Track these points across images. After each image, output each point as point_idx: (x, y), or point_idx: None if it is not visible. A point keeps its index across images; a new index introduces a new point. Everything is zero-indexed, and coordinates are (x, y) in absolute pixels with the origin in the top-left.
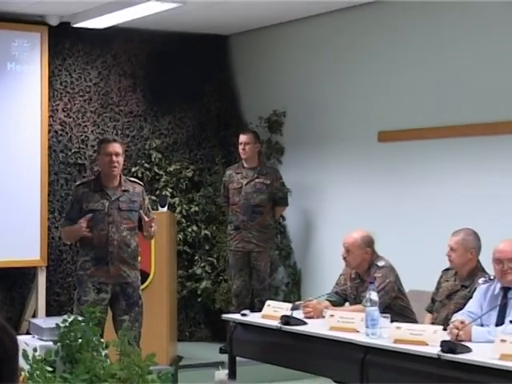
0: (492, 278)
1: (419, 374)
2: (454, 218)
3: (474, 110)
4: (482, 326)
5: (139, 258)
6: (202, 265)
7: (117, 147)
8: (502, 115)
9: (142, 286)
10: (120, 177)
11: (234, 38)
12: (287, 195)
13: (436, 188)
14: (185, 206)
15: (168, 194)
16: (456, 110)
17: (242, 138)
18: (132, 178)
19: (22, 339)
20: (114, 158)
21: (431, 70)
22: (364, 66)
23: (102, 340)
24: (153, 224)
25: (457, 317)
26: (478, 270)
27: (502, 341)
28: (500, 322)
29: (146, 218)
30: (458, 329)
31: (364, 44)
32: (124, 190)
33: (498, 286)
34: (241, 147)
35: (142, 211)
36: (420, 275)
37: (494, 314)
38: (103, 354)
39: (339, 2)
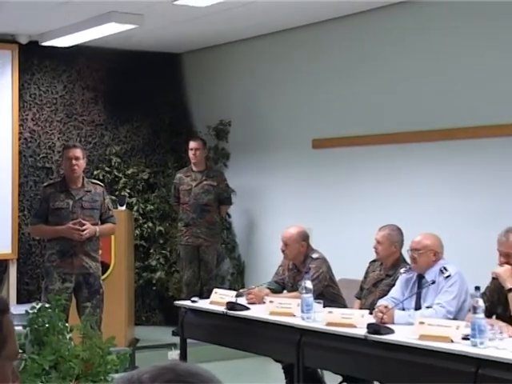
0: (411, 267)
1: (348, 353)
2: (380, 215)
3: (398, 120)
4: (403, 310)
5: (100, 251)
6: (157, 257)
7: (77, 152)
8: (423, 124)
9: (103, 276)
10: (83, 179)
11: (185, 55)
12: (231, 195)
13: (364, 189)
14: (141, 204)
15: (126, 194)
16: (381, 120)
17: (192, 144)
18: (94, 180)
19: None
20: (74, 161)
21: (359, 84)
22: (300, 81)
23: (66, 324)
24: (85, 229)
25: (381, 302)
26: (400, 261)
27: (421, 323)
28: (418, 306)
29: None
30: (382, 313)
31: (299, 62)
32: (87, 191)
33: (415, 274)
34: (191, 153)
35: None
36: (350, 266)
37: (413, 300)
38: (68, 337)
39: (276, 25)
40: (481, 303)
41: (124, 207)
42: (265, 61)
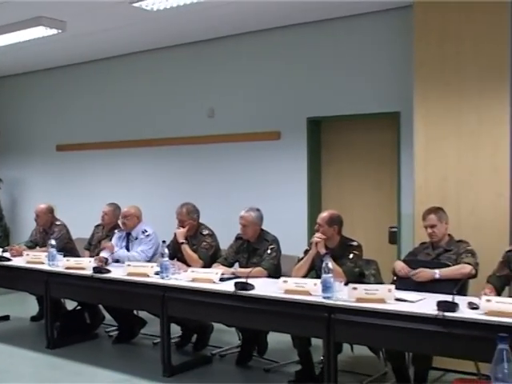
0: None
1: (80, 287)
2: (102, 198)
3: (117, 131)
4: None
5: None
6: None
7: None
8: (135, 135)
9: None
10: None
11: None
12: None
13: (91, 178)
14: None
15: None
16: (105, 132)
17: None
18: None
19: None
20: None
21: (90, 106)
22: (50, 104)
23: None
24: None
25: (103, 254)
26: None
27: (128, 265)
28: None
29: None
30: (101, 261)
31: (54, 91)
32: None
33: (125, 232)
34: None
35: None
36: (81, 229)
37: (124, 249)
38: None
39: (39, 64)
40: (164, 251)
41: None
42: (30, 90)
